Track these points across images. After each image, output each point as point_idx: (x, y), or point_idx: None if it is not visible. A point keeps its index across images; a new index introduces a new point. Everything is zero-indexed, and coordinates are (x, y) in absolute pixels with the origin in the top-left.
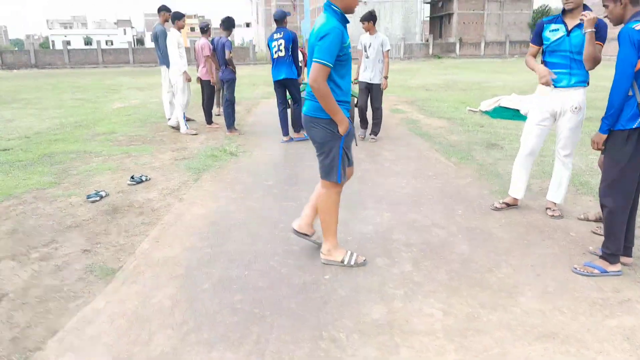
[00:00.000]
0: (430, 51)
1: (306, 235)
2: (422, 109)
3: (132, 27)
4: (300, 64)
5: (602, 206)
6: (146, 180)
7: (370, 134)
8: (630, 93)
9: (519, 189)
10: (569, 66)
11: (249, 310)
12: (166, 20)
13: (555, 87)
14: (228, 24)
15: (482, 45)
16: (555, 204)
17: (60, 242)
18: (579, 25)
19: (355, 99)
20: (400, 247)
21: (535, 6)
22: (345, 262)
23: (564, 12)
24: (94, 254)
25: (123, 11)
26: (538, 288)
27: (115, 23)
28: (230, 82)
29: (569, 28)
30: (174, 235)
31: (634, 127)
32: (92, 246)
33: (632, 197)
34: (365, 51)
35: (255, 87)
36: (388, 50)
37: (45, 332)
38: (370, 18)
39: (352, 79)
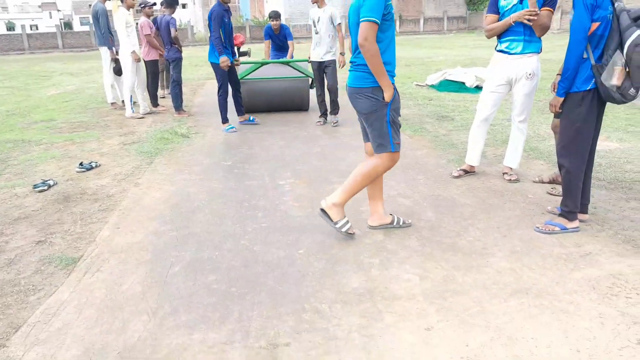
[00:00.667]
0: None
1: (389, 224)
2: None
3: (58, 10)
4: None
5: (560, 166)
6: (96, 166)
7: (330, 115)
8: (585, 56)
9: (475, 156)
10: (522, 33)
11: (226, 290)
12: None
13: (509, 54)
14: (171, 1)
15: (422, 21)
16: (511, 168)
17: (9, 234)
18: None
19: (311, 80)
20: (367, 218)
21: None
22: (338, 226)
23: None
24: (50, 245)
25: None
26: (506, 248)
27: (39, 6)
28: (176, 62)
29: None
30: (134, 220)
31: (588, 88)
32: (46, 237)
33: (587, 156)
34: (315, 26)
35: (198, 68)
36: (340, 25)
37: (7, 327)
38: None
39: (307, 57)
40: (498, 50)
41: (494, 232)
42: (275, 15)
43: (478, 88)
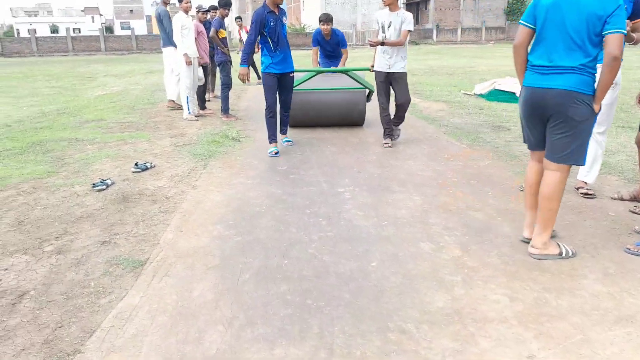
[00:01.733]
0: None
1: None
2: (416, 93)
3: (100, 15)
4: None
5: None
6: (151, 167)
7: (395, 127)
8: None
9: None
10: None
11: (301, 302)
12: (166, 3)
13: None
14: (222, 3)
15: (459, 31)
16: (586, 183)
17: (74, 233)
18: None
19: (367, 91)
20: (441, 231)
21: None
22: (564, 255)
23: None
24: (115, 246)
25: None
26: (597, 270)
27: (82, 10)
28: (223, 65)
29: None
30: (197, 223)
31: None
32: (110, 237)
33: None
34: (384, 32)
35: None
36: (409, 32)
37: (81, 332)
38: None
39: (370, 65)
40: None
41: (580, 252)
42: (326, 19)
43: None
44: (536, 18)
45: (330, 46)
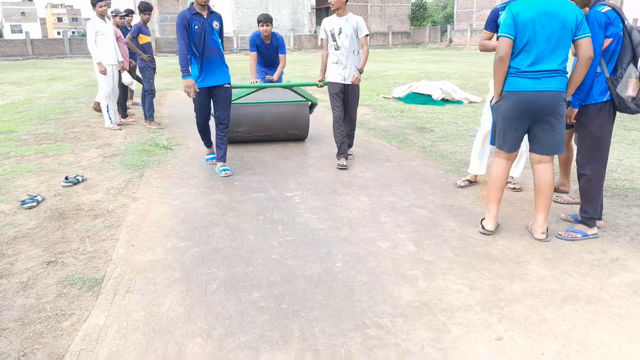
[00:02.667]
0: (319, 42)
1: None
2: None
3: None
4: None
5: (581, 175)
6: (82, 180)
7: (344, 155)
8: (599, 70)
9: (479, 166)
10: None
11: (276, 307)
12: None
13: None
14: (141, 7)
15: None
16: (513, 178)
17: (12, 255)
18: None
19: (310, 103)
20: (393, 229)
21: (413, 0)
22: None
23: None
24: (63, 265)
25: None
26: (538, 255)
27: None
28: (143, 71)
29: None
30: (147, 237)
31: (604, 100)
32: (56, 256)
33: (606, 164)
34: (334, 40)
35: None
36: (367, 36)
37: (48, 358)
38: None
39: (317, 80)
40: None
41: (520, 240)
42: (265, 20)
43: (444, 100)
44: (518, 30)
45: (270, 51)
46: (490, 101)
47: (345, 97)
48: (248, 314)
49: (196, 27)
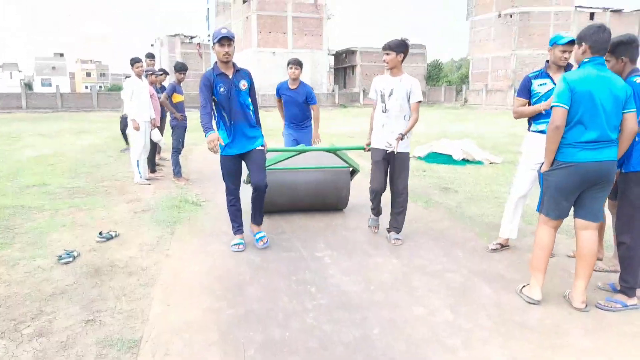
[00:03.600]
0: (337, 100)
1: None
2: (360, 155)
3: (19, 71)
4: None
5: (620, 243)
6: (116, 236)
7: (391, 231)
8: (637, 138)
9: (511, 229)
10: None
11: None
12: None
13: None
14: (178, 67)
15: None
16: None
17: (50, 313)
18: None
19: (352, 169)
20: (427, 294)
21: (428, 61)
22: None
23: (547, 67)
24: (101, 324)
25: (9, 54)
26: (578, 326)
27: (0, 66)
28: (174, 129)
29: (556, 81)
30: (182, 296)
31: None
32: (94, 315)
33: None
34: (384, 102)
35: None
36: (419, 102)
37: None
38: (399, 48)
39: (365, 144)
40: (534, 131)
41: (558, 309)
42: (295, 62)
43: (465, 160)
44: (574, 102)
45: (296, 99)
46: (539, 170)
47: (391, 167)
48: None
49: (221, 89)
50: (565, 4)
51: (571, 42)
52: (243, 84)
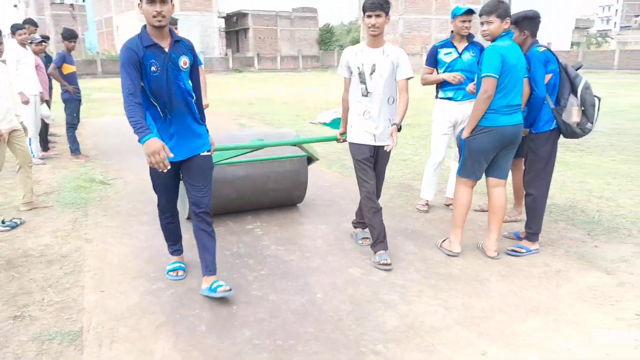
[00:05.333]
0: (231, 65)
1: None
2: (267, 123)
3: None
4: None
5: (527, 194)
6: (21, 223)
7: (376, 244)
8: (545, 102)
9: (431, 192)
10: (462, 83)
11: (272, 344)
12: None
13: (455, 100)
14: (66, 34)
15: (278, 59)
16: (449, 198)
17: None
18: (467, 48)
19: (307, 159)
20: (359, 256)
21: (320, 24)
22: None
23: (452, 37)
24: (31, 319)
25: None
26: (495, 273)
27: None
28: (67, 102)
29: (460, 50)
30: (115, 281)
31: (551, 128)
32: (21, 310)
33: (549, 184)
34: (363, 82)
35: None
36: (410, 79)
37: None
38: (388, 5)
39: (338, 133)
40: (441, 98)
41: (475, 259)
42: (173, 23)
43: None
44: (503, 72)
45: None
46: (459, 136)
47: (374, 163)
48: (246, 353)
49: (153, 68)
50: None
51: (468, 12)
52: (184, 62)
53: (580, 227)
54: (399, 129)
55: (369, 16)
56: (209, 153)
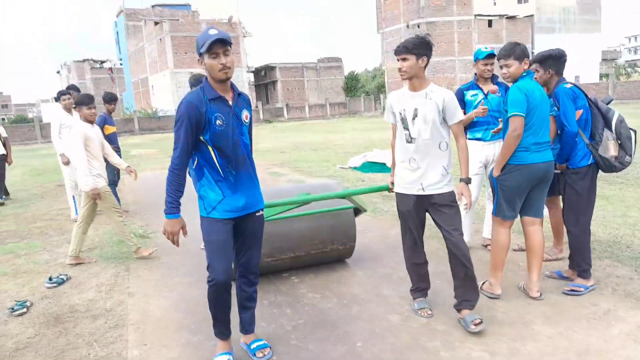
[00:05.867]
0: (261, 116)
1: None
2: (298, 170)
3: None
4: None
5: (570, 232)
6: (67, 279)
7: (462, 308)
8: (577, 139)
9: (467, 234)
10: (491, 122)
11: None
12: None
13: (484, 141)
14: (107, 97)
15: (307, 108)
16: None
17: None
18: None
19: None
20: (399, 302)
21: (345, 73)
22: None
23: (476, 79)
24: None
25: None
26: (539, 315)
27: None
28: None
29: (485, 92)
30: (157, 334)
31: (588, 163)
32: None
33: (590, 219)
34: (406, 128)
35: None
36: (460, 122)
37: None
38: (419, 48)
39: (389, 182)
40: (470, 139)
41: (518, 301)
42: (197, 82)
43: None
44: (529, 109)
45: None
46: (491, 175)
47: (435, 216)
48: None
49: (218, 122)
50: (466, 14)
51: (490, 56)
52: (245, 115)
53: (627, 264)
54: (468, 182)
55: (398, 60)
56: (262, 212)
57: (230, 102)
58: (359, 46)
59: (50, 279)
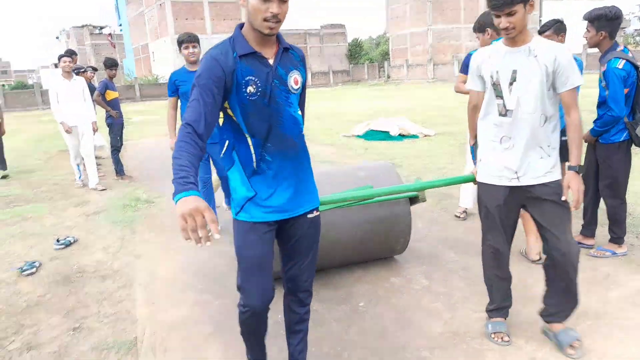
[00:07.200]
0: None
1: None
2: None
3: None
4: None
5: (606, 203)
6: (74, 241)
7: (553, 321)
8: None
9: (469, 200)
10: None
11: (318, 350)
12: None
13: None
14: (108, 63)
15: (310, 75)
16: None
17: (32, 325)
18: None
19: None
20: (402, 265)
21: (348, 40)
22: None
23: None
24: (90, 331)
25: None
26: (540, 278)
27: None
28: (111, 127)
29: None
30: (165, 294)
31: (622, 139)
32: (79, 322)
33: (626, 191)
34: (500, 96)
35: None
36: (573, 90)
37: None
38: (508, 2)
39: (473, 171)
40: None
41: (518, 265)
42: (190, 39)
43: (401, 136)
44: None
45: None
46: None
47: (535, 214)
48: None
49: (250, 88)
50: None
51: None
52: (294, 80)
53: (629, 231)
54: (579, 172)
55: (497, 16)
56: (318, 213)
57: (271, 61)
58: (362, 13)
59: (57, 240)
